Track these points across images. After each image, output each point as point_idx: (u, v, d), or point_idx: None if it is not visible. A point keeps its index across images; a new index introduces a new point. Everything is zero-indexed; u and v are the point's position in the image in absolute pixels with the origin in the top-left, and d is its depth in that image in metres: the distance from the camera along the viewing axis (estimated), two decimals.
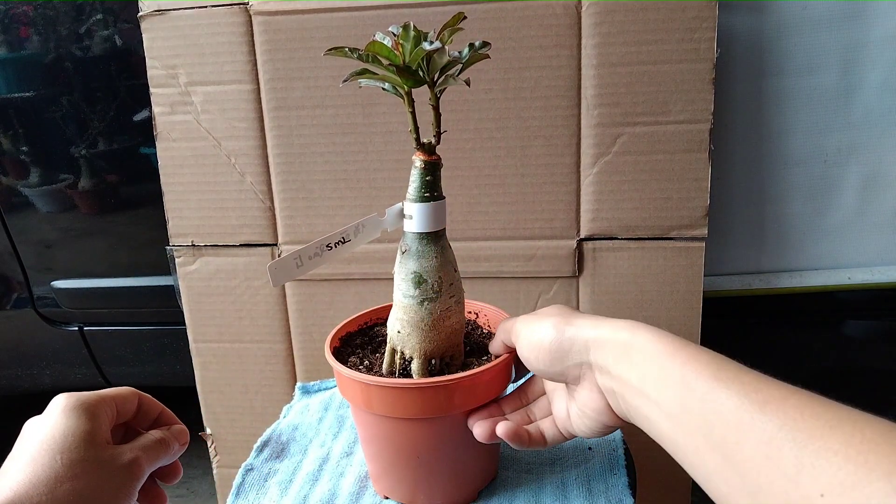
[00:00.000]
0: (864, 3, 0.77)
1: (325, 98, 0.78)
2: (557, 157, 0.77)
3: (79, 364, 1.08)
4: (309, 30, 0.76)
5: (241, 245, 0.85)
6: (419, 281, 0.49)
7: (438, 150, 0.48)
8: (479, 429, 0.47)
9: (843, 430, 0.28)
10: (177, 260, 0.86)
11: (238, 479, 0.58)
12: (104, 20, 0.88)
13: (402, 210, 0.49)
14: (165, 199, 0.84)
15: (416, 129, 0.47)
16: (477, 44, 0.45)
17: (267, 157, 0.81)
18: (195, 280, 0.87)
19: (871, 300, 0.89)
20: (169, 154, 0.83)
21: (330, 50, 0.44)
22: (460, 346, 0.52)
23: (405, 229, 0.49)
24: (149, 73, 0.80)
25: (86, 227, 1.00)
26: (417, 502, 0.53)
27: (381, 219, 0.51)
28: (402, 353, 0.50)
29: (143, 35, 0.79)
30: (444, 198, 0.49)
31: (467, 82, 0.45)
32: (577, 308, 0.82)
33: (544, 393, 0.51)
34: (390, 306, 0.52)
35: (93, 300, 1.02)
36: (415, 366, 0.50)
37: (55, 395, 0.42)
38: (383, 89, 0.47)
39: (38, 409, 0.41)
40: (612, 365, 0.41)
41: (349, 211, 0.82)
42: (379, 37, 0.44)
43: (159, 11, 0.78)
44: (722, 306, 0.88)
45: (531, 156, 0.78)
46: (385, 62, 0.44)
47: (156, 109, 0.82)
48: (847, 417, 0.29)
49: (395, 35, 0.43)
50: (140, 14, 0.78)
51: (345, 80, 0.44)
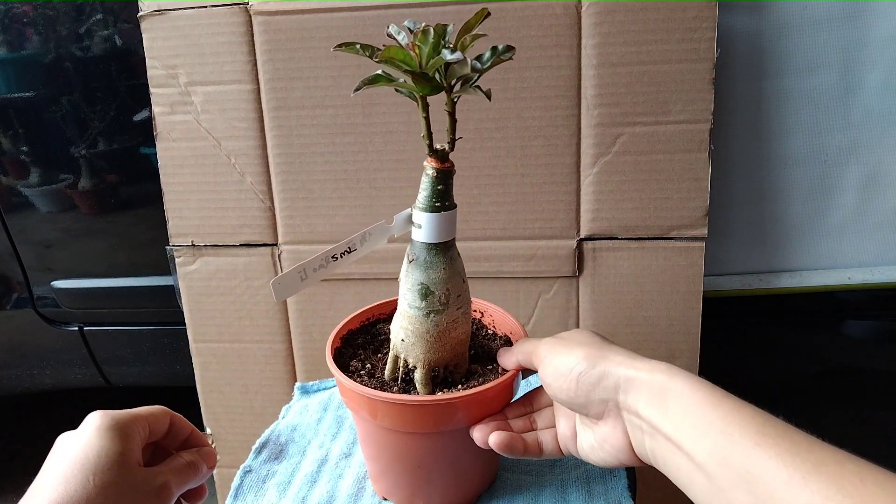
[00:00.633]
0: (864, 3, 0.77)
1: (325, 98, 0.78)
2: (557, 157, 0.77)
3: (79, 364, 1.08)
4: (309, 30, 0.76)
5: (241, 245, 0.85)
6: (426, 293, 0.47)
7: None
8: (478, 433, 0.47)
9: None
10: (177, 260, 0.86)
11: (236, 481, 0.58)
12: (104, 20, 0.88)
13: (410, 216, 0.47)
14: (165, 199, 0.84)
15: (430, 134, 0.44)
16: (500, 48, 0.41)
17: (267, 157, 0.81)
18: (195, 280, 0.87)
19: (871, 300, 0.89)
20: (169, 154, 0.83)
21: (339, 46, 0.41)
22: (465, 355, 0.51)
23: (413, 238, 0.47)
24: (149, 73, 0.81)
25: (86, 227, 1.00)
26: None
27: (388, 226, 0.49)
28: (406, 361, 0.49)
29: (143, 35, 0.79)
30: (455, 206, 0.46)
31: (488, 95, 0.41)
32: (577, 308, 0.82)
33: (551, 404, 0.50)
34: (394, 302, 0.51)
35: (93, 300, 1.02)
36: (418, 375, 0.48)
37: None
38: (397, 90, 0.44)
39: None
40: (644, 408, 0.39)
41: (349, 211, 0.82)
42: (393, 30, 0.41)
43: (159, 11, 0.78)
44: (722, 306, 0.87)
45: (531, 156, 0.78)
46: (402, 66, 0.40)
47: (156, 109, 0.82)
48: None
49: (410, 31, 0.40)
50: (140, 14, 0.78)
51: (356, 90, 0.41)
